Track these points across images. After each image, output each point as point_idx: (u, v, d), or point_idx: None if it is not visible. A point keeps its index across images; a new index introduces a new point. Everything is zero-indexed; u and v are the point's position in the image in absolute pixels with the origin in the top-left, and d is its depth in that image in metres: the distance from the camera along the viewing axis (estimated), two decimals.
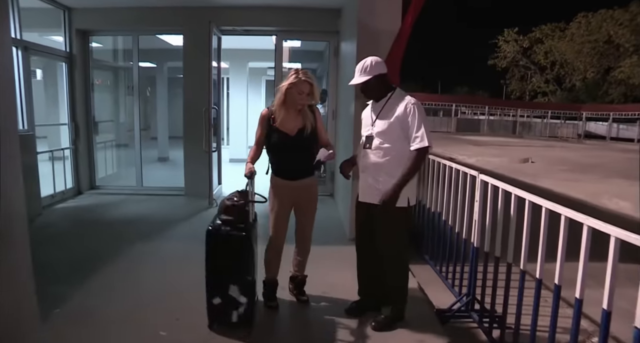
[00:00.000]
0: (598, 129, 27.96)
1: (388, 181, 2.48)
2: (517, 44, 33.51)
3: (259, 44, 8.13)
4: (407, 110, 2.44)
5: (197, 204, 5.55)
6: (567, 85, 32.92)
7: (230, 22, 5.76)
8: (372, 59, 2.53)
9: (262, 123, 2.74)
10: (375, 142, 2.53)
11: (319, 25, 5.76)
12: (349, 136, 4.36)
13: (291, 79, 2.58)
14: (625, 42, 28.09)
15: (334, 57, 5.89)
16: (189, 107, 5.83)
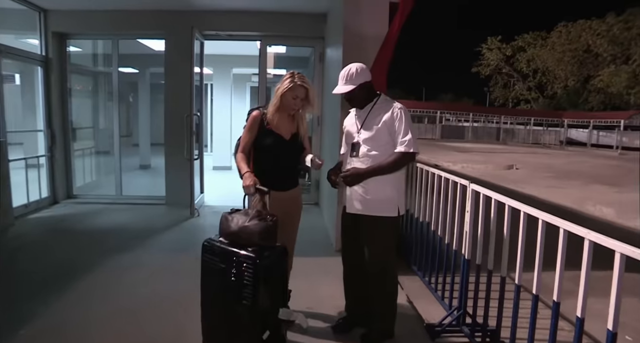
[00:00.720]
0: (579, 136, 28.48)
1: (378, 190, 2.39)
2: (500, 52, 34.16)
3: (243, 50, 8.02)
4: (394, 115, 2.35)
5: (178, 214, 5.37)
6: (549, 92, 33.61)
7: (213, 26, 5.63)
8: (356, 66, 2.43)
9: (253, 125, 2.54)
10: (362, 150, 2.42)
11: (304, 31, 5.67)
12: (335, 143, 4.25)
13: (286, 84, 2.47)
14: (603, 51, 28.90)
15: (319, 62, 5.80)
16: (170, 113, 5.67)
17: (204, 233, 4.79)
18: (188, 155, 5.16)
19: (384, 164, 2.35)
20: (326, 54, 5.54)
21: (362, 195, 2.42)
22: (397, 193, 2.44)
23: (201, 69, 5.83)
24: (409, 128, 2.34)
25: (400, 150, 2.33)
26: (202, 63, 5.84)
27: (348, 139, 2.55)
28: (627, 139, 24.90)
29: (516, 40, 33.45)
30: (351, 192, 2.48)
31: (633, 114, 25.28)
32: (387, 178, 2.39)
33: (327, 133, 5.31)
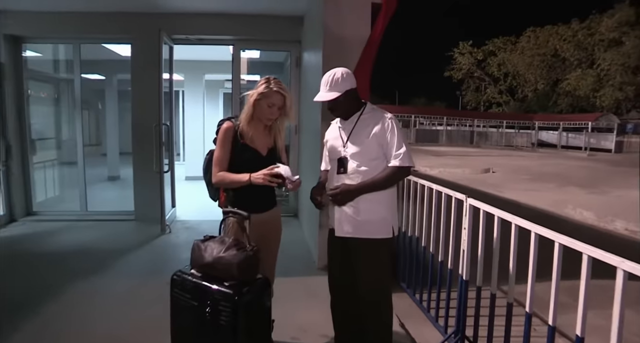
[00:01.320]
0: (549, 138, 29.18)
1: (370, 209, 2.15)
2: (471, 56, 34.76)
3: (216, 55, 7.69)
4: (385, 127, 2.12)
5: (148, 231, 5.00)
6: (520, 95, 34.39)
7: (183, 30, 5.30)
8: (341, 70, 2.17)
9: (226, 139, 2.19)
10: (351, 165, 2.16)
11: (279, 34, 5.41)
12: (315, 154, 4.00)
13: (261, 89, 2.15)
14: (570, 56, 29.86)
15: (296, 67, 5.56)
16: (137, 123, 5.30)
17: (175, 253, 4.57)
18: (157, 168, 4.81)
19: (378, 179, 2.12)
20: (303, 58, 5.30)
21: (353, 217, 2.17)
22: (390, 211, 2.21)
23: (171, 75, 5.50)
24: (402, 140, 2.12)
25: (395, 165, 2.11)
26: (172, 69, 5.51)
27: (332, 154, 2.27)
28: (594, 140, 25.64)
29: (487, 45, 34.18)
30: (340, 213, 2.21)
31: (599, 116, 26.08)
32: (379, 196, 2.15)
33: (306, 144, 5.05)
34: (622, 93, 27.80)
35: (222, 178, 2.17)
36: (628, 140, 25.71)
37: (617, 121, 25.58)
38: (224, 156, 2.19)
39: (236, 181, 2.12)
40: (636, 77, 27.63)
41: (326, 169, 2.41)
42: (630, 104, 28.73)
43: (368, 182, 2.11)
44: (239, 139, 2.18)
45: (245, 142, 2.19)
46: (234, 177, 2.13)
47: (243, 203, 2.16)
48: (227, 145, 2.19)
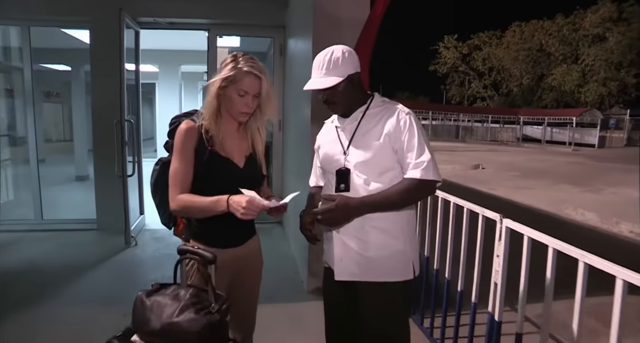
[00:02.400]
0: (534, 133, 29.16)
1: (385, 242, 1.58)
2: (456, 50, 34.52)
3: (193, 44, 7.03)
4: (401, 124, 1.54)
5: (111, 242, 4.35)
6: (504, 90, 34.34)
7: (150, 12, 4.61)
8: (341, 48, 1.58)
9: (187, 146, 1.52)
10: (355, 181, 1.57)
11: (261, 19, 4.78)
12: (304, 159, 3.43)
13: (226, 71, 1.51)
14: (555, 51, 29.87)
15: (280, 56, 4.95)
16: (98, 119, 4.62)
17: (140, 271, 3.78)
18: (119, 171, 4.16)
19: (391, 194, 1.52)
20: (288, 45, 4.69)
21: (359, 253, 1.59)
22: (410, 243, 1.63)
23: (137, 65, 4.82)
24: (424, 144, 1.53)
25: (414, 177, 1.50)
26: (139, 57, 4.82)
27: (328, 164, 1.68)
28: (578, 135, 25.65)
29: (472, 39, 33.96)
30: (341, 248, 1.62)
31: (584, 111, 26.10)
32: (395, 222, 1.58)
33: (291, 144, 4.46)
34: (605, 88, 27.92)
35: (184, 205, 1.50)
36: (610, 135, 25.87)
37: (601, 116, 25.63)
38: (185, 171, 1.52)
39: (207, 209, 1.47)
40: (619, 73, 27.78)
41: (317, 185, 1.83)
42: (613, 100, 28.84)
43: (377, 197, 1.52)
44: (205, 145, 1.53)
45: (215, 148, 1.54)
46: (202, 204, 1.47)
47: (210, 234, 1.57)
48: (188, 155, 1.52)
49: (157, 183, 1.67)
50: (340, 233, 1.61)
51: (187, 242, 1.61)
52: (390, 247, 1.58)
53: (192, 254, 1.41)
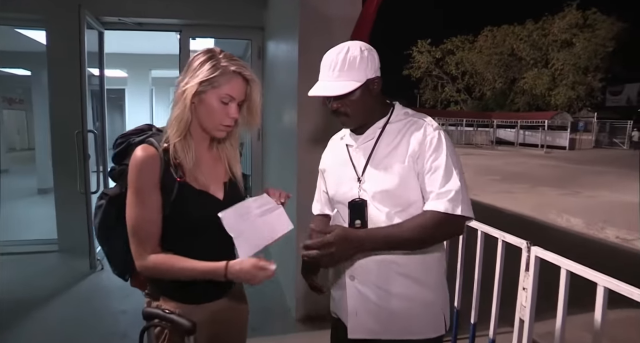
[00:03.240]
0: (507, 136, 29.72)
1: (411, 292, 1.26)
2: (430, 54, 34.85)
3: (164, 48, 6.60)
4: (427, 141, 1.21)
5: (74, 267, 3.91)
6: (477, 94, 34.90)
7: (116, 11, 4.18)
8: (358, 45, 1.23)
9: (149, 183, 1.14)
10: (374, 215, 1.24)
11: (237, 19, 4.42)
12: (288, 170, 3.11)
13: (206, 71, 1.14)
14: (526, 55, 30.59)
15: (258, 59, 4.62)
16: (58, 129, 4.17)
17: (105, 302, 3.29)
18: (82, 187, 3.73)
19: (406, 228, 1.16)
20: (267, 48, 4.37)
21: (380, 305, 1.26)
22: (441, 292, 1.32)
23: (101, 69, 4.39)
24: (453, 168, 1.19)
25: (437, 209, 1.16)
26: (103, 61, 4.39)
27: (337, 193, 1.35)
28: (550, 138, 26.23)
29: (445, 44, 34.36)
30: (356, 299, 1.29)
31: (555, 114, 26.74)
32: (425, 267, 1.27)
33: (273, 158, 4.12)
34: (574, 92, 28.73)
35: (160, 271, 1.15)
36: (579, 137, 26.60)
37: (570, 119, 26.32)
38: (150, 221, 1.15)
39: (196, 274, 1.12)
40: (586, 77, 28.66)
41: (323, 213, 1.50)
42: (581, 103, 29.69)
43: (387, 231, 1.17)
44: (172, 175, 1.16)
45: (185, 179, 1.18)
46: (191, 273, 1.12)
47: (182, 289, 1.20)
48: (152, 197, 1.14)
49: (104, 226, 1.25)
50: (356, 280, 1.28)
51: (153, 299, 1.24)
52: (418, 297, 1.26)
53: (163, 320, 1.06)
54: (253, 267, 1.07)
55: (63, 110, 4.09)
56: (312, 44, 2.74)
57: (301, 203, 2.68)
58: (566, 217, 7.00)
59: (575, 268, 1.52)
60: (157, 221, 1.16)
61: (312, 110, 2.79)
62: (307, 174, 1.41)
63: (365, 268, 1.26)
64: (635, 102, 31.57)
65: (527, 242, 1.73)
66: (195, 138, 1.22)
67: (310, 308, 2.97)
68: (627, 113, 28.50)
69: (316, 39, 2.73)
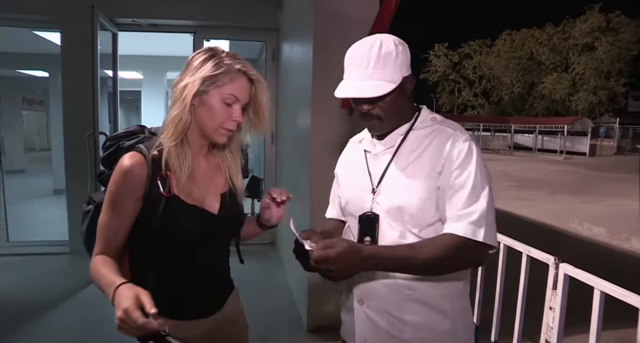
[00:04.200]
0: (525, 141, 29.20)
1: (428, 323, 1.11)
2: (447, 58, 34.58)
3: (180, 49, 6.59)
4: (454, 153, 1.06)
5: (84, 270, 3.66)
6: (494, 98, 34.45)
7: (129, 12, 4.16)
8: (391, 39, 1.08)
9: (124, 196, 1.06)
10: (387, 233, 1.10)
11: (252, 21, 4.35)
12: (301, 173, 3.02)
13: (207, 69, 1.05)
14: (546, 59, 30.08)
15: (272, 62, 4.55)
16: (71, 130, 4.14)
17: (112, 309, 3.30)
18: (92, 189, 3.69)
19: (420, 251, 1.01)
20: (282, 50, 4.29)
21: (392, 334, 1.12)
22: (462, 320, 1.16)
23: (115, 71, 4.37)
24: (480, 187, 1.04)
25: (456, 233, 1.02)
26: (116, 62, 4.38)
27: (349, 204, 1.21)
28: (569, 144, 25.67)
29: (463, 47, 34.08)
30: (366, 324, 1.15)
31: (574, 119, 26.18)
32: (444, 293, 1.12)
33: (286, 162, 4.04)
34: (595, 97, 28.12)
35: (93, 271, 1.05)
36: (600, 143, 25.97)
37: (591, 125, 25.73)
38: (116, 230, 1.08)
39: (102, 282, 0.99)
40: (609, 81, 28.02)
41: (339, 219, 1.35)
42: (603, 108, 29.04)
43: (397, 252, 1.02)
44: (159, 189, 1.06)
45: (176, 192, 1.08)
46: (100, 281, 1.00)
47: (172, 301, 1.09)
48: (126, 208, 1.06)
49: (92, 232, 1.14)
50: (365, 304, 1.15)
51: None
52: (434, 326, 1.12)
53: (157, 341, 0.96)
54: (124, 311, 0.85)
55: (76, 112, 4.07)
56: (327, 46, 2.65)
57: (314, 208, 2.59)
58: (588, 225, 6.75)
59: (611, 290, 1.38)
60: (122, 232, 1.08)
61: (327, 113, 2.70)
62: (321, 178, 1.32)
63: (374, 291, 1.13)
64: None
65: (554, 257, 1.60)
66: (192, 145, 1.12)
67: (322, 319, 2.85)
68: None
69: (331, 41, 2.65)
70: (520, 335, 1.87)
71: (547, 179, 13.42)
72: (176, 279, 1.13)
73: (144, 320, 0.85)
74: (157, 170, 1.07)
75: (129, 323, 0.85)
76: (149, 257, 1.13)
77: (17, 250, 4.39)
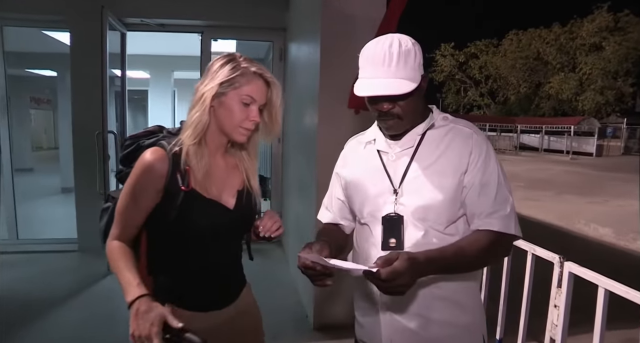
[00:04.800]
0: (531, 141, 29.04)
1: (453, 319, 1.14)
2: (453, 58, 34.48)
3: (187, 49, 6.64)
4: (476, 153, 1.10)
5: (92, 267, 3.91)
6: (501, 98, 34.30)
7: (138, 12, 4.20)
8: (407, 39, 1.08)
9: (149, 184, 1.11)
10: (412, 233, 1.11)
11: (259, 21, 4.38)
12: (308, 171, 3.04)
13: (225, 72, 1.11)
14: (552, 59, 29.89)
15: (280, 61, 4.58)
16: (79, 129, 4.20)
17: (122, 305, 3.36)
18: (101, 188, 3.74)
19: (464, 250, 1.05)
20: (289, 50, 4.32)
21: (419, 333, 1.13)
22: (479, 312, 1.20)
23: (123, 70, 4.42)
24: (505, 183, 1.10)
25: (492, 229, 1.06)
26: (125, 62, 4.42)
27: (366, 206, 1.19)
28: (576, 144, 25.50)
29: (469, 47, 33.94)
30: (392, 326, 1.15)
31: (581, 119, 25.99)
32: (468, 291, 1.16)
33: (293, 160, 4.06)
34: (603, 97, 27.88)
35: (109, 257, 1.13)
36: (607, 143, 25.77)
37: (598, 125, 25.52)
38: (133, 212, 1.13)
39: (120, 277, 1.08)
40: (616, 81, 27.79)
41: (335, 223, 1.35)
42: (610, 108, 28.78)
43: (446, 254, 1.03)
44: (178, 183, 1.12)
45: (194, 187, 1.14)
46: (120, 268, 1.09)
47: (188, 293, 1.17)
48: (144, 198, 1.12)
49: (109, 230, 1.19)
50: (390, 307, 1.15)
51: None
52: (457, 321, 1.15)
53: (173, 338, 0.99)
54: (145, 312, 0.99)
55: (85, 111, 4.13)
56: (334, 46, 2.68)
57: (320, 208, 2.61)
58: (594, 226, 6.73)
59: (614, 287, 1.39)
60: (138, 219, 1.15)
61: (333, 112, 2.72)
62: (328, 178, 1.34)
63: (404, 297, 1.08)
64: None
65: (559, 256, 1.61)
66: (211, 145, 1.18)
67: (328, 317, 2.88)
68: None
69: (338, 40, 2.68)
70: (525, 333, 1.88)
71: (553, 180, 13.35)
72: (191, 271, 1.18)
73: None
74: (176, 165, 1.12)
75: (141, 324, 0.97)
76: (166, 249, 1.18)
77: (26, 247, 4.45)
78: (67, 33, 4.43)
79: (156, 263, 1.20)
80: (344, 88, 2.29)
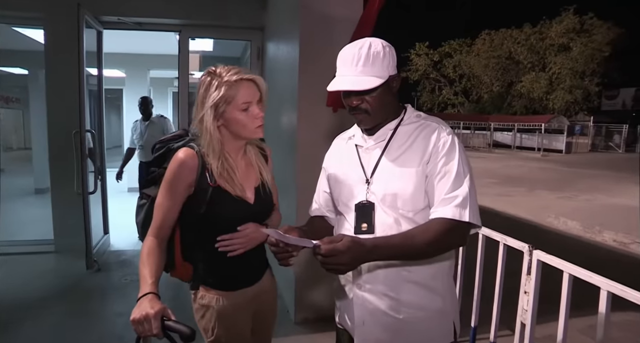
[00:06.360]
0: (504, 139, 29.76)
1: (422, 303, 1.22)
2: (427, 57, 34.92)
3: (163, 48, 6.59)
4: (440, 144, 1.18)
5: (70, 267, 3.88)
6: (474, 97, 34.97)
7: (115, 10, 4.16)
8: (379, 41, 1.20)
9: (180, 183, 1.27)
10: (382, 219, 1.20)
11: (237, 20, 4.39)
12: (288, 171, 3.09)
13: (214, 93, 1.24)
14: (524, 59, 30.64)
15: (257, 60, 4.61)
16: (55, 128, 4.14)
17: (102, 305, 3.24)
18: (79, 188, 3.70)
19: (414, 237, 1.11)
20: (267, 49, 4.35)
21: (389, 314, 1.21)
22: (451, 299, 1.28)
23: (100, 69, 4.37)
24: (463, 173, 1.15)
25: (444, 216, 1.12)
26: (101, 61, 4.37)
27: (343, 195, 1.30)
28: (547, 141, 26.31)
29: (443, 47, 34.43)
30: (364, 309, 1.24)
31: (551, 117, 26.81)
32: (436, 274, 1.24)
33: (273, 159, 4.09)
34: (571, 96, 28.81)
35: (142, 249, 1.26)
36: (576, 141, 26.67)
37: (567, 123, 26.38)
38: (169, 210, 1.29)
39: (139, 272, 1.20)
40: (583, 81, 28.78)
41: (322, 215, 1.45)
42: (578, 107, 29.76)
43: (395, 240, 1.11)
44: (207, 180, 1.30)
45: (221, 184, 1.30)
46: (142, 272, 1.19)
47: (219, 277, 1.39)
48: (179, 194, 1.29)
49: (147, 224, 1.32)
50: (363, 288, 1.24)
51: (196, 289, 1.41)
52: (428, 305, 1.23)
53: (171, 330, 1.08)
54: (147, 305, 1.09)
55: (60, 110, 4.07)
56: (312, 45, 2.74)
57: (301, 205, 2.67)
58: (563, 220, 7.01)
59: (578, 273, 1.51)
60: (174, 211, 1.30)
61: (313, 111, 2.78)
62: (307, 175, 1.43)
63: (372, 276, 1.22)
64: (630, 106, 31.72)
65: (528, 245, 1.72)
66: (230, 150, 1.35)
67: (309, 311, 2.95)
68: (622, 117, 28.65)
69: (317, 40, 2.74)
70: (498, 319, 1.99)
71: (526, 176, 13.78)
72: (221, 258, 1.34)
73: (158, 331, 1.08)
74: (205, 163, 1.30)
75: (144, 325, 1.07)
76: (197, 239, 1.37)
77: (1, 249, 4.35)
78: (39, 30, 4.36)
79: (191, 251, 1.39)
80: (323, 87, 2.35)
